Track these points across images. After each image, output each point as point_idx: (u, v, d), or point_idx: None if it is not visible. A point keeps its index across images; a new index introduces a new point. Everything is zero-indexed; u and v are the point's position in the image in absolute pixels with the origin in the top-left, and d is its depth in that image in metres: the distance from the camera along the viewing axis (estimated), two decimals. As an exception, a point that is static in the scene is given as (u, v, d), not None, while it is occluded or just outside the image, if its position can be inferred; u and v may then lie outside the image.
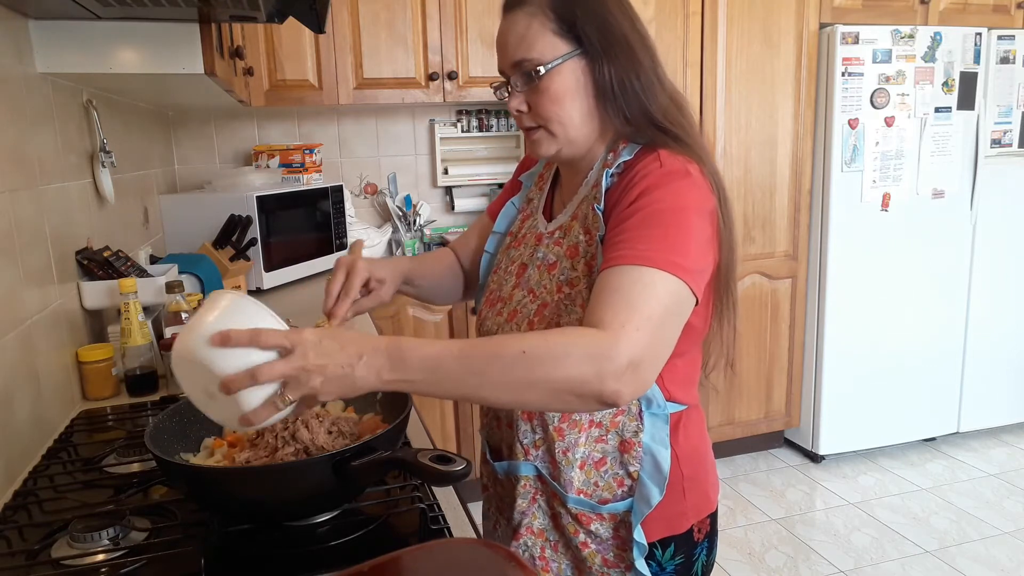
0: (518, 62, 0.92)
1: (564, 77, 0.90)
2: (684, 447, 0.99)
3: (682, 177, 0.86)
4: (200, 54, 1.46)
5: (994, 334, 3.30)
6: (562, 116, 0.92)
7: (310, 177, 2.87)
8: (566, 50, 0.90)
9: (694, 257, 0.84)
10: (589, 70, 0.90)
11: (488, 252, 1.15)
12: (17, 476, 1.10)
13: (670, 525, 0.99)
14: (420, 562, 0.73)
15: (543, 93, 0.91)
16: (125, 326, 1.43)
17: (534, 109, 0.93)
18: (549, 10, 0.90)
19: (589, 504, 0.98)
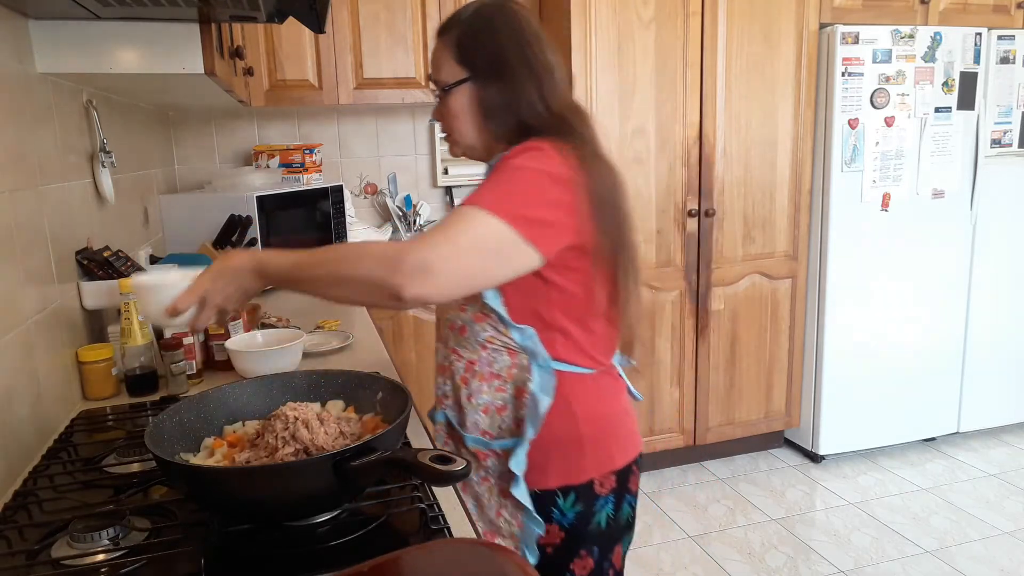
0: (434, 80, 1.17)
1: (458, 98, 1.13)
2: (585, 408, 1.13)
3: (532, 149, 1.03)
4: (200, 54, 1.46)
5: (994, 334, 3.30)
6: (458, 127, 1.16)
7: (310, 177, 2.87)
8: (461, 76, 1.12)
9: (523, 204, 0.99)
10: (478, 93, 1.12)
11: None
12: (17, 476, 1.10)
13: (569, 475, 1.13)
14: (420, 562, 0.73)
15: (446, 108, 1.16)
16: (125, 326, 1.43)
17: (442, 119, 1.18)
18: (455, 44, 1.13)
19: (483, 441, 1.15)
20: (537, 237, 0.99)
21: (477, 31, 1.12)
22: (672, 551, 2.57)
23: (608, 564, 1.20)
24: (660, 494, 2.98)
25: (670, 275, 2.95)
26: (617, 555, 1.21)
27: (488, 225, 0.96)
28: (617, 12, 2.71)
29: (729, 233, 3.00)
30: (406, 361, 2.71)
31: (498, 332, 1.11)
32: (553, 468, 1.13)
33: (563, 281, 1.07)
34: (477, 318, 1.12)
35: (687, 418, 3.09)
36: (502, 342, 1.11)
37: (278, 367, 1.44)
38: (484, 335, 1.12)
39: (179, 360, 1.43)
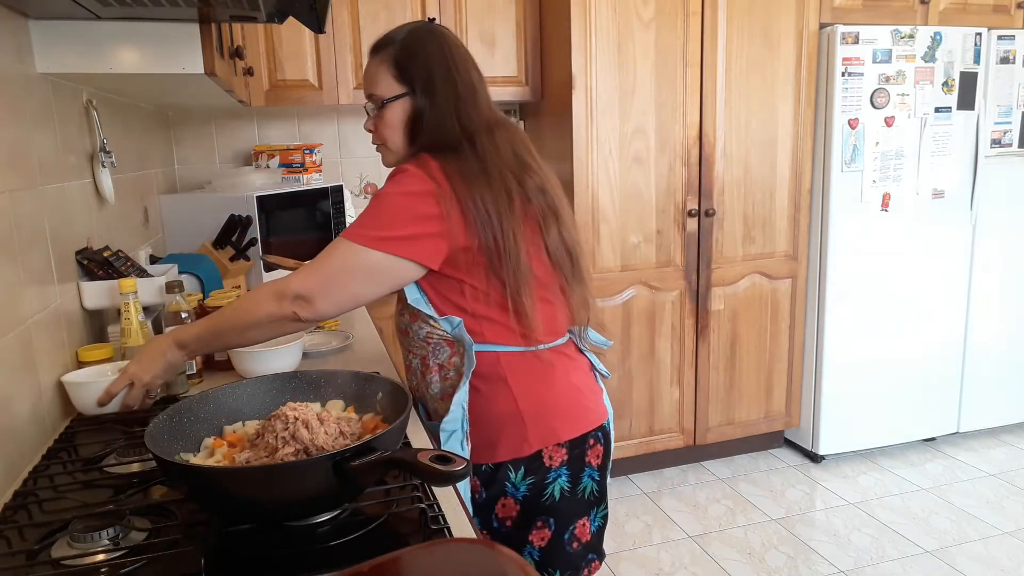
0: (369, 95, 1.27)
1: (396, 111, 1.24)
2: (521, 385, 1.23)
3: (397, 173, 1.18)
4: (200, 54, 1.46)
5: (994, 334, 3.30)
6: (393, 138, 1.27)
7: (310, 177, 2.87)
8: (400, 91, 1.24)
9: (387, 227, 1.13)
10: (412, 108, 1.24)
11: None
12: (17, 476, 1.10)
13: (515, 448, 1.22)
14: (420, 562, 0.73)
15: (382, 120, 1.26)
16: (125, 326, 1.43)
17: (377, 131, 1.28)
18: (392, 59, 1.24)
19: (435, 425, 1.24)
20: (410, 251, 1.14)
21: (412, 51, 1.23)
22: (672, 551, 2.57)
23: (570, 536, 1.25)
24: (660, 494, 2.98)
25: (670, 275, 2.95)
26: (582, 529, 1.27)
27: (355, 254, 1.14)
28: (617, 12, 2.71)
29: (729, 233, 3.00)
30: (406, 361, 2.71)
31: (432, 327, 1.24)
32: (502, 443, 1.22)
33: (466, 276, 1.19)
34: (412, 319, 1.26)
35: (687, 418, 3.09)
36: (439, 335, 1.24)
37: (278, 367, 1.44)
38: (423, 332, 1.25)
39: (179, 360, 1.43)
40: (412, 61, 1.23)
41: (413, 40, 1.24)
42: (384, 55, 1.25)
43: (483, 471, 1.24)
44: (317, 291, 1.13)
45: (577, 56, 2.69)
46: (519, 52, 2.95)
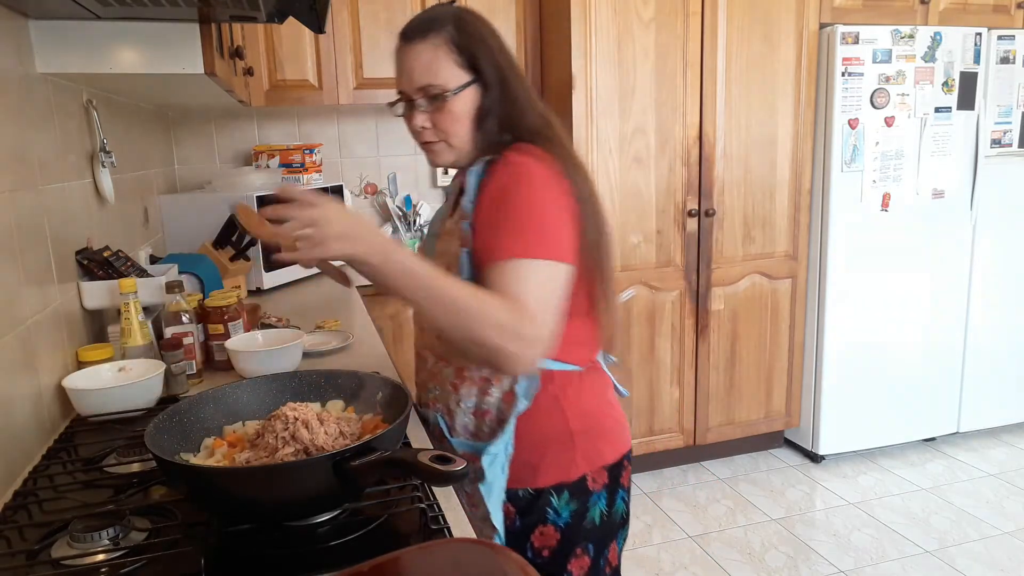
0: (424, 87, 1.11)
1: (464, 101, 1.12)
2: (575, 405, 1.16)
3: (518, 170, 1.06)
4: (200, 54, 1.46)
5: (994, 334, 3.30)
6: (461, 132, 1.13)
7: (310, 177, 2.87)
8: (467, 79, 1.11)
9: (554, 233, 1.03)
10: (480, 96, 1.12)
11: (427, 254, 1.30)
12: (17, 476, 1.10)
13: (561, 472, 1.14)
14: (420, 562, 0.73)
15: (447, 114, 1.12)
16: (125, 326, 1.43)
17: (437, 126, 1.13)
18: (453, 44, 1.10)
19: (471, 445, 1.14)
20: (567, 253, 1.04)
21: (473, 33, 1.11)
22: (672, 551, 2.57)
23: (604, 561, 1.20)
24: (660, 494, 2.98)
25: (670, 275, 2.95)
26: (613, 552, 1.22)
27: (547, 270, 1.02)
28: (617, 12, 2.71)
29: (729, 233, 3.00)
30: (406, 361, 2.71)
31: None
32: (546, 466, 1.13)
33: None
34: None
35: (687, 418, 3.09)
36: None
37: (278, 367, 1.44)
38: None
39: (179, 360, 1.43)
40: (476, 44, 1.11)
41: (466, 21, 1.12)
42: (438, 39, 1.10)
43: (520, 497, 1.15)
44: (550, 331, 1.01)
45: (577, 56, 2.69)
46: (519, 52, 2.95)
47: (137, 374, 1.36)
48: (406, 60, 1.12)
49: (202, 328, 1.57)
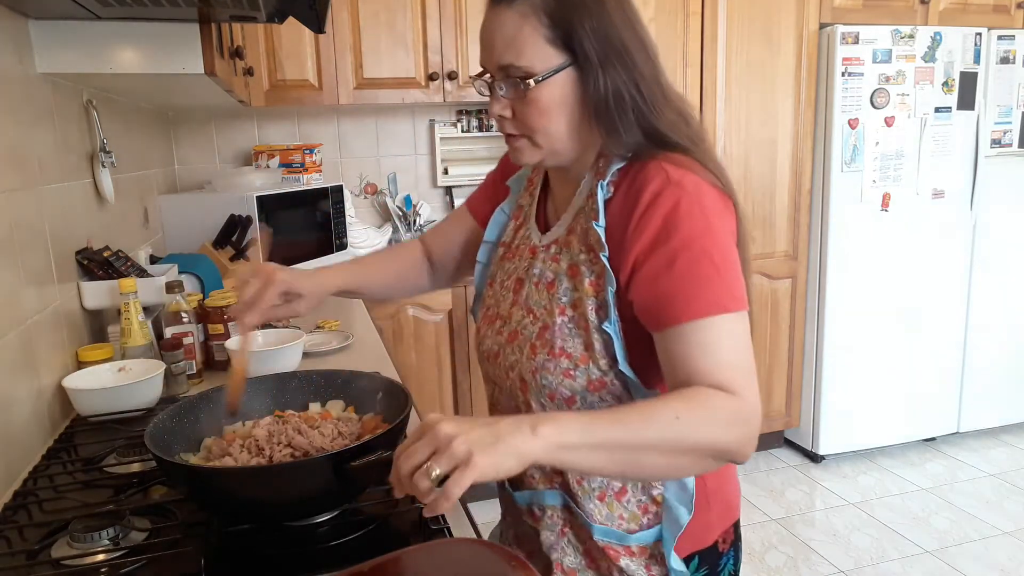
0: (504, 66, 0.85)
1: (554, 90, 0.84)
2: None
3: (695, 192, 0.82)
4: (200, 54, 1.46)
5: (994, 334, 3.30)
6: (549, 128, 0.87)
7: (310, 177, 2.87)
8: (559, 61, 0.83)
9: (740, 282, 0.84)
10: (583, 83, 0.84)
11: (480, 263, 1.10)
12: (17, 476, 1.10)
13: (696, 540, 0.96)
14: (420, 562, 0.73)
15: (531, 104, 0.85)
16: (125, 326, 1.43)
17: (519, 118, 0.88)
18: (543, 14, 0.82)
19: (616, 534, 0.92)
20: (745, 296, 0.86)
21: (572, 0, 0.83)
22: (672, 551, 2.57)
23: None
24: (660, 494, 2.98)
25: (670, 275, 2.94)
26: None
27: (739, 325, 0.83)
28: (617, 12, 2.71)
29: (729, 233, 3.00)
30: (406, 361, 2.71)
31: (619, 401, 0.89)
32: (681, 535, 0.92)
33: None
34: (592, 387, 0.89)
35: (687, 418, 3.09)
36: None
37: (278, 367, 1.44)
38: (602, 406, 0.89)
39: (179, 360, 1.43)
40: (578, 13, 0.82)
41: None
42: (527, 5, 0.83)
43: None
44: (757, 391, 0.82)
45: (577, 56, 2.68)
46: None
47: (137, 374, 1.36)
48: (487, 28, 0.87)
49: (202, 328, 1.57)
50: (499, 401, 1.02)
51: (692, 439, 0.75)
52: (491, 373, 1.02)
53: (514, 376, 0.94)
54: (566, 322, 0.89)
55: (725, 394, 0.78)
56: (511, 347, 0.95)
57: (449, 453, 0.65)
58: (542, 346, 0.90)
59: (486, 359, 1.01)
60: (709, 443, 0.77)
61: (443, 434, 0.66)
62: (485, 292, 1.07)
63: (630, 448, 0.73)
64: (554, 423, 0.70)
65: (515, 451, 0.67)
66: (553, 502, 0.97)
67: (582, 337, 0.88)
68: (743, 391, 0.79)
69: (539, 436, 0.68)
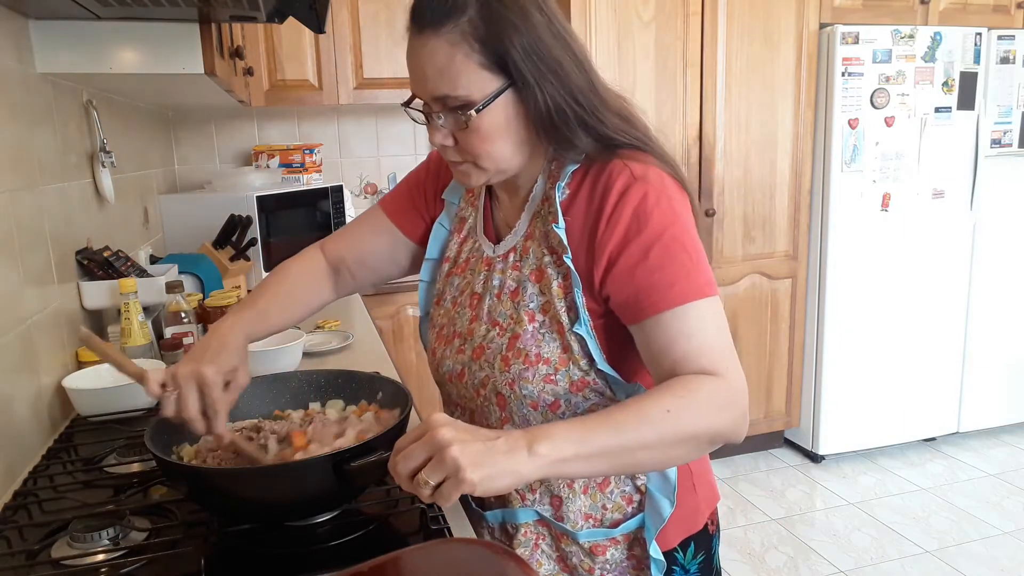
0: (440, 97, 0.82)
1: (496, 115, 0.82)
2: None
3: (659, 186, 0.84)
4: (200, 54, 1.46)
5: (994, 334, 3.30)
6: (493, 152, 0.85)
7: (310, 177, 2.87)
8: (496, 86, 0.81)
9: (708, 268, 0.85)
10: (523, 102, 0.83)
11: (424, 281, 1.08)
12: (17, 476, 1.10)
13: (687, 526, 0.97)
14: (420, 562, 0.73)
15: (473, 132, 0.83)
16: (125, 326, 1.43)
17: (462, 145, 0.85)
18: (474, 40, 0.79)
19: (602, 532, 0.93)
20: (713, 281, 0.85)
21: (500, 20, 0.79)
22: (672, 551, 2.57)
23: None
24: (660, 494, 2.98)
25: (670, 275, 2.94)
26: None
27: (713, 308, 0.83)
28: (617, 12, 2.71)
29: (729, 233, 3.00)
30: (406, 361, 2.71)
31: (603, 397, 0.90)
32: (672, 522, 0.93)
33: None
34: (575, 388, 0.89)
35: (687, 418, 3.09)
36: (606, 407, 0.86)
37: (278, 367, 1.44)
38: (586, 404, 0.90)
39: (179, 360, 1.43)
40: (507, 33, 0.79)
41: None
42: (455, 33, 0.79)
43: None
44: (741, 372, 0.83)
45: (577, 56, 2.68)
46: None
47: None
48: (416, 57, 0.83)
49: (202, 328, 1.57)
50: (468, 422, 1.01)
51: (686, 430, 0.76)
52: (455, 394, 1.00)
53: (487, 392, 0.93)
54: (538, 328, 0.89)
55: (711, 378, 0.79)
56: (478, 364, 0.93)
57: (442, 464, 0.66)
58: (515, 356, 0.89)
59: (448, 380, 0.99)
60: (703, 430, 0.78)
61: (440, 440, 0.67)
62: (433, 311, 1.05)
63: (626, 450, 0.74)
64: (550, 440, 0.70)
65: (512, 472, 0.68)
66: (527, 519, 0.96)
67: (558, 340, 0.88)
68: (727, 372, 0.80)
69: (536, 455, 0.69)
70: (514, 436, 0.70)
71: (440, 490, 0.67)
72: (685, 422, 0.76)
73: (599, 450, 0.73)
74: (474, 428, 0.71)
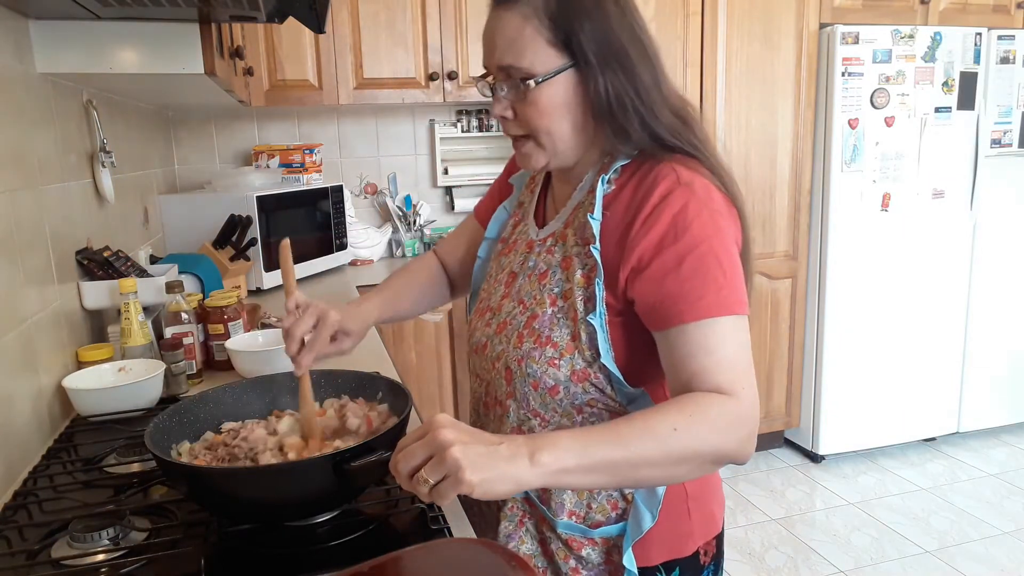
0: (505, 67, 0.86)
1: (555, 91, 0.86)
2: None
3: (703, 195, 0.84)
4: (200, 54, 1.46)
5: (994, 334, 3.30)
6: (551, 129, 0.88)
7: (310, 177, 2.87)
8: (560, 63, 0.84)
9: (743, 286, 0.85)
10: (583, 85, 0.86)
11: (480, 258, 1.12)
12: (17, 476, 1.10)
13: (674, 548, 0.95)
14: (420, 562, 0.73)
15: (532, 105, 0.86)
16: (125, 326, 1.43)
17: (521, 118, 0.89)
18: (544, 16, 0.83)
19: (580, 528, 0.94)
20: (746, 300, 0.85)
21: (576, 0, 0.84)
22: (672, 551, 2.57)
23: None
24: (660, 494, 2.98)
25: (670, 275, 2.95)
26: None
27: (738, 326, 0.83)
28: (617, 12, 2.71)
29: (729, 233, 3.00)
30: (406, 361, 2.71)
31: (603, 394, 0.90)
32: (656, 540, 0.93)
33: None
34: (576, 377, 0.89)
35: (687, 418, 3.09)
36: (605, 405, 0.91)
37: (278, 367, 1.44)
38: (584, 397, 0.90)
39: (179, 360, 1.43)
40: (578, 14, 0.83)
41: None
42: (528, 6, 0.84)
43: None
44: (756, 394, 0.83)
45: (577, 56, 2.68)
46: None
47: (137, 374, 1.36)
48: (489, 29, 0.88)
49: (202, 328, 1.57)
50: (479, 394, 1.04)
51: (691, 449, 0.76)
52: (477, 366, 1.03)
53: (499, 366, 0.96)
54: (555, 312, 0.90)
55: (723, 397, 0.79)
56: (499, 337, 0.96)
57: (443, 464, 0.67)
58: (529, 335, 0.91)
59: (474, 351, 1.03)
60: (708, 450, 0.77)
61: (442, 440, 0.68)
62: (480, 287, 1.10)
63: (629, 464, 0.74)
64: (552, 449, 0.70)
65: (512, 479, 0.69)
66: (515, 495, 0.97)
67: (570, 327, 0.89)
68: (742, 392, 0.80)
69: (537, 464, 0.69)
70: (517, 442, 0.70)
71: (438, 488, 0.68)
72: (691, 441, 0.76)
73: (601, 463, 0.73)
74: (476, 431, 0.72)
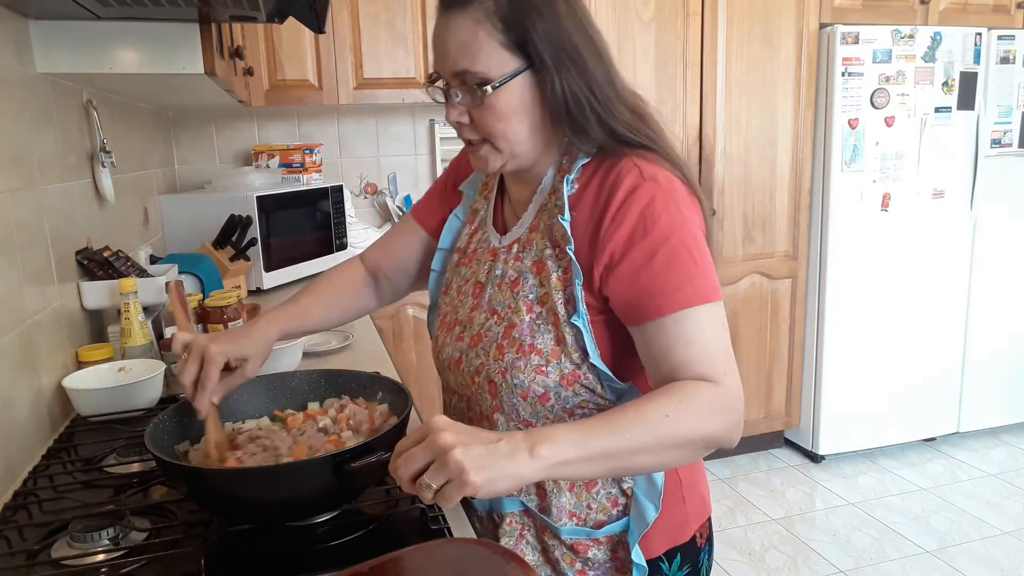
0: (459, 73, 0.85)
1: (512, 95, 0.85)
2: None
3: (668, 187, 0.85)
4: (200, 54, 1.46)
5: (994, 334, 3.30)
6: (508, 133, 0.87)
7: (310, 177, 2.87)
8: (515, 66, 0.84)
9: (713, 273, 0.85)
10: (539, 86, 0.85)
11: (435, 271, 1.10)
12: (17, 476, 1.10)
13: (674, 536, 0.97)
14: (420, 562, 0.73)
15: (488, 109, 0.86)
16: (125, 326, 1.43)
17: (477, 123, 0.88)
18: (497, 19, 0.83)
19: (584, 531, 0.94)
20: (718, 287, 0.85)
21: (524, 2, 0.83)
22: (672, 551, 2.57)
23: None
24: (660, 494, 2.98)
25: (670, 275, 2.95)
26: None
27: (716, 313, 0.83)
28: (617, 12, 2.71)
29: (729, 233, 3.00)
30: (406, 361, 2.71)
31: (593, 394, 0.90)
32: (657, 531, 0.94)
33: None
34: (565, 381, 0.89)
35: (687, 418, 3.09)
36: (596, 404, 0.90)
37: (278, 367, 1.44)
38: (575, 400, 0.90)
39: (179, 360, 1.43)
40: (530, 16, 0.83)
41: None
42: (479, 11, 0.83)
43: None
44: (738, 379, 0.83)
45: (577, 56, 2.69)
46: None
47: (137, 374, 1.36)
48: (440, 35, 0.87)
49: (202, 328, 1.57)
50: (460, 410, 1.02)
51: (683, 435, 0.78)
52: (452, 381, 1.02)
53: (480, 380, 0.94)
54: (534, 319, 0.89)
55: (709, 384, 0.80)
56: (474, 351, 0.95)
57: (445, 468, 0.67)
58: (510, 345, 0.90)
59: (447, 368, 1.01)
60: (699, 436, 0.79)
61: (442, 443, 0.68)
62: (441, 300, 1.07)
63: (625, 452, 0.75)
64: (551, 442, 0.71)
65: (513, 475, 0.69)
66: (512, 509, 0.98)
67: (552, 332, 0.88)
68: (725, 378, 0.80)
69: (537, 458, 0.70)
70: (515, 438, 0.71)
71: (442, 492, 0.68)
72: (683, 427, 0.77)
73: (599, 452, 0.73)
74: (475, 430, 0.71)
